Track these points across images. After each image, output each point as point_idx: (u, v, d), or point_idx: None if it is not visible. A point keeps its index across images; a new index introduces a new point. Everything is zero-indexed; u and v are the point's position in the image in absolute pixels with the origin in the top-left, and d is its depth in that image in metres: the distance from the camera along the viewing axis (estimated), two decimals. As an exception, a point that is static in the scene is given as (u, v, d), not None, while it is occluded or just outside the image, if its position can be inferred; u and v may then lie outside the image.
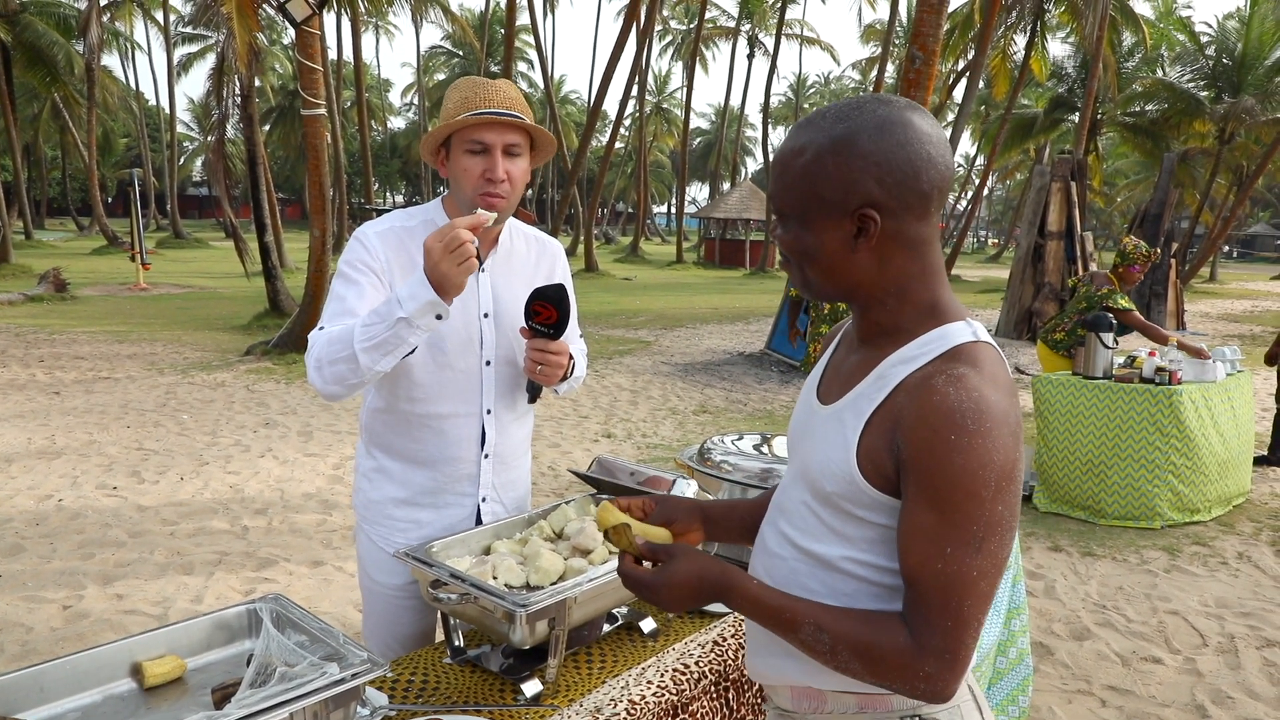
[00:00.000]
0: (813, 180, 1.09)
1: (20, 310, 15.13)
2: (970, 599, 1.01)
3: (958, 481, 1.00)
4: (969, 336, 1.11)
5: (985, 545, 1.01)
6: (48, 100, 35.69)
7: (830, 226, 1.11)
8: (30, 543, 4.75)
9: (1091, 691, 3.40)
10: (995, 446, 1.00)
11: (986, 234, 78.79)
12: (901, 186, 1.07)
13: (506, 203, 1.87)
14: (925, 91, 5.81)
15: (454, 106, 1.84)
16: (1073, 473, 5.37)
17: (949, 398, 1.01)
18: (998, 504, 1.00)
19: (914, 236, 1.11)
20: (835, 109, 1.11)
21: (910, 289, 1.13)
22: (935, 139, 1.09)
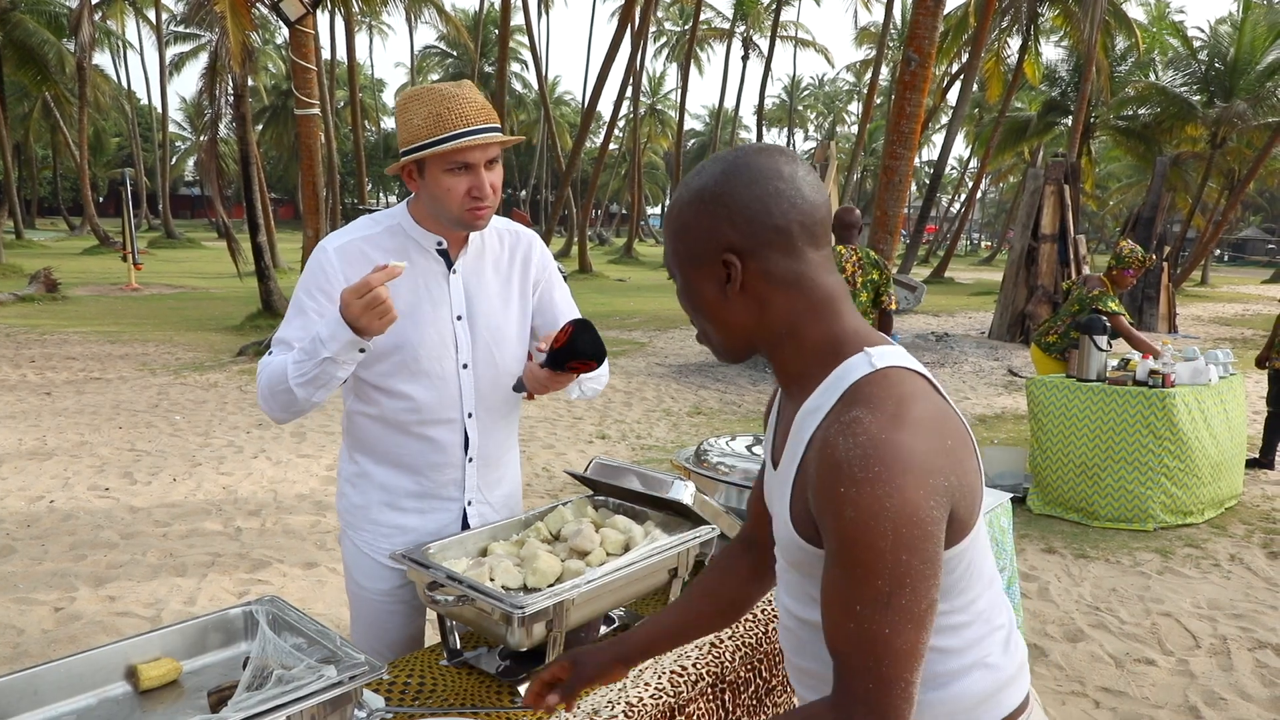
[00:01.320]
0: (679, 236, 1.12)
1: (11, 310, 15.05)
2: (888, 658, 0.94)
3: (852, 535, 0.94)
4: (866, 369, 1.05)
5: (894, 600, 0.93)
6: (38, 99, 35.52)
7: (702, 277, 1.11)
8: (21, 544, 4.73)
9: (1085, 693, 3.40)
10: (889, 492, 0.92)
11: (980, 236, 79.05)
12: (753, 225, 1.06)
13: (491, 211, 1.87)
14: (921, 94, 5.82)
15: (423, 124, 1.77)
16: (1066, 475, 5.39)
17: (838, 449, 0.97)
18: (901, 553, 0.93)
19: (786, 273, 1.08)
20: (698, 167, 1.14)
21: (801, 327, 1.10)
22: (787, 175, 1.08)
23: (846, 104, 66.93)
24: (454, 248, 1.94)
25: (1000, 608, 1.16)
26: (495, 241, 2.03)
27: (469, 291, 1.96)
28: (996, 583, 1.17)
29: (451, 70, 50.35)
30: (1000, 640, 1.14)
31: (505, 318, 2.01)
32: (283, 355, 1.83)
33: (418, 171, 1.83)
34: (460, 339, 1.94)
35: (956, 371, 11.31)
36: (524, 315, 2.06)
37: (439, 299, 1.92)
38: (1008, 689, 1.13)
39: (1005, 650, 1.14)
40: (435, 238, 1.92)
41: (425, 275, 1.92)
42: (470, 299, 1.95)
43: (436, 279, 1.93)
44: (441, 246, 1.93)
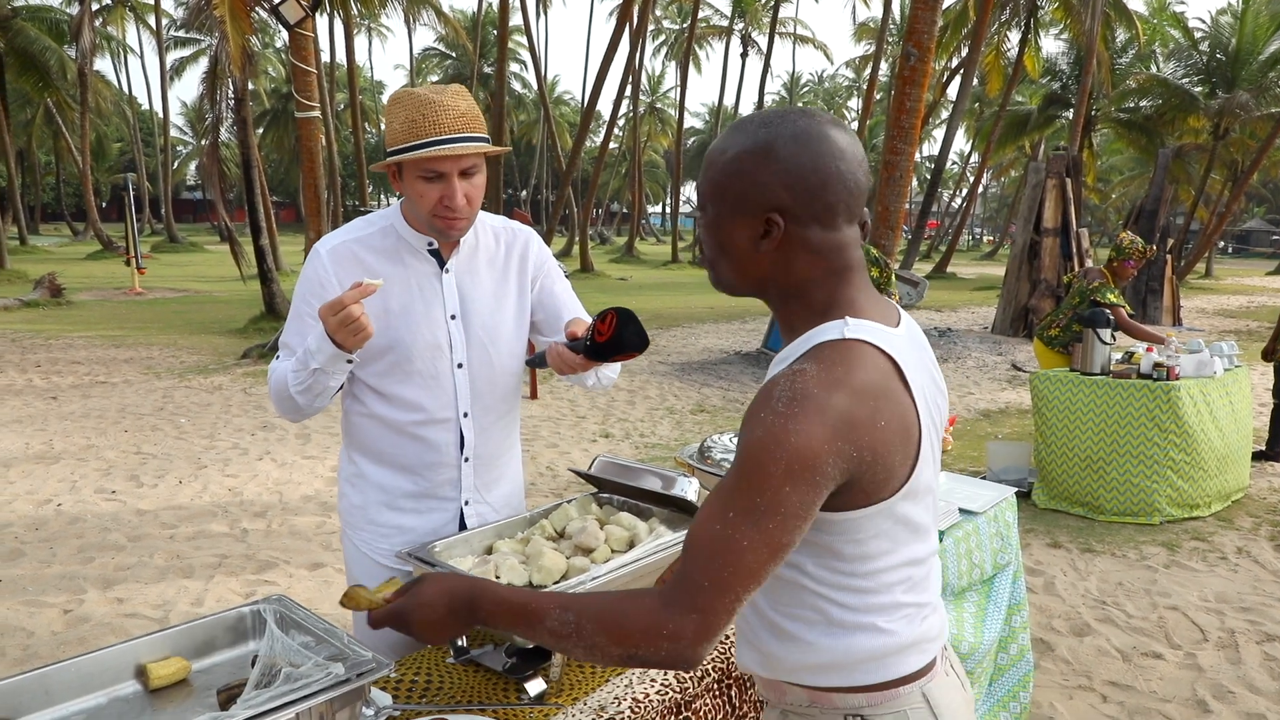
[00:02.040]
0: (729, 179, 1.15)
1: (16, 316, 15.09)
2: (734, 567, 1.02)
3: (752, 452, 1.02)
4: (835, 335, 1.13)
5: (763, 522, 1.01)
6: (40, 105, 35.60)
7: (740, 224, 1.16)
8: (30, 547, 4.74)
9: (1092, 687, 3.40)
10: (796, 429, 1.01)
11: (981, 231, 78.94)
12: (809, 196, 1.12)
13: (468, 223, 1.86)
14: (920, 88, 5.81)
15: (400, 129, 1.77)
16: (1071, 469, 5.38)
17: (776, 386, 1.06)
18: (785, 485, 1.01)
19: (818, 243, 1.15)
20: (761, 115, 1.17)
21: (810, 291, 1.18)
22: (848, 155, 1.14)
23: (846, 100, 66.87)
24: (446, 248, 1.95)
25: (920, 590, 1.22)
26: (490, 240, 2.03)
27: (462, 291, 1.96)
28: (926, 569, 1.24)
29: (451, 72, 50.36)
30: (905, 615, 1.20)
31: (500, 316, 2.01)
32: (286, 361, 1.88)
33: (399, 174, 1.84)
34: (454, 338, 1.94)
35: (960, 367, 11.30)
36: (521, 312, 2.06)
37: (431, 299, 1.92)
38: (899, 655, 1.19)
39: (908, 623, 1.19)
40: (426, 238, 1.93)
41: (417, 276, 1.92)
42: (464, 298, 1.96)
43: (429, 279, 1.93)
44: (433, 247, 1.94)
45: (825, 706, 1.21)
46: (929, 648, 1.22)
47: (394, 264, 1.91)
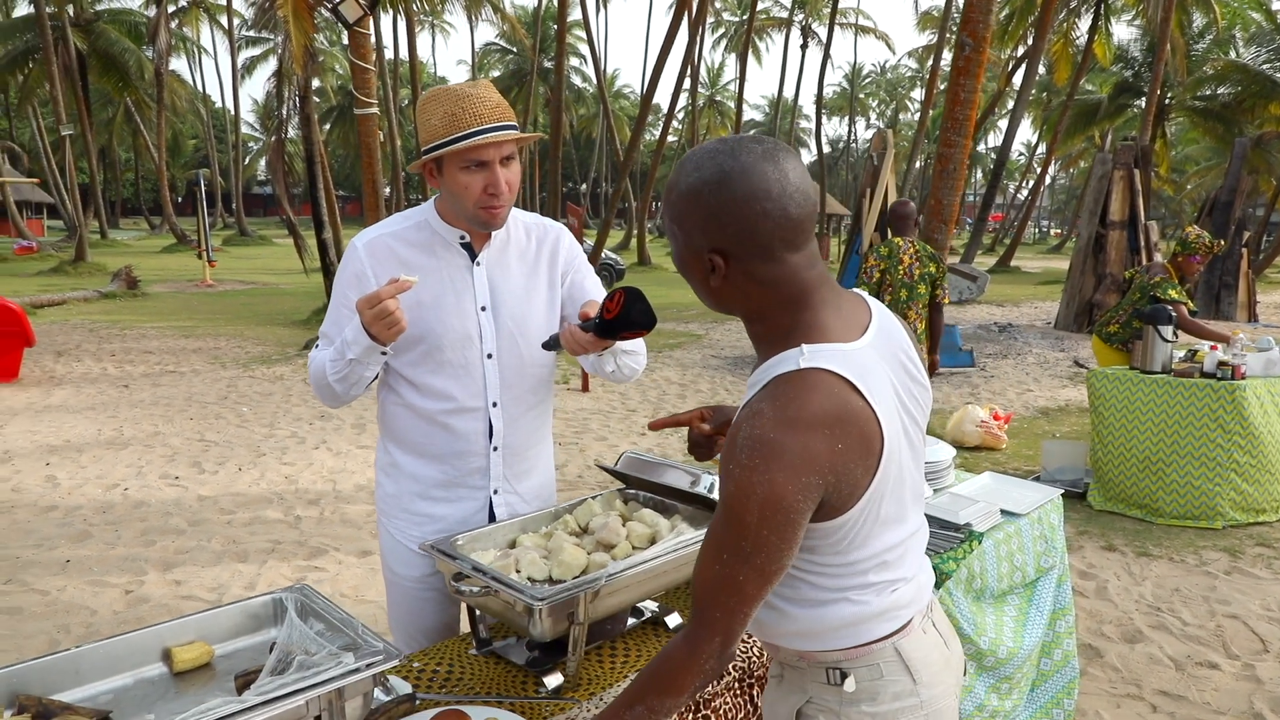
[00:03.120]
0: (679, 215, 1.24)
1: (94, 307, 15.71)
2: (738, 597, 1.17)
3: (730, 505, 1.15)
4: (791, 366, 1.20)
5: (752, 560, 1.15)
6: (121, 105, 36.93)
7: (691, 259, 1.26)
8: (97, 529, 4.94)
9: (1142, 696, 3.31)
10: (760, 480, 1.11)
11: (1049, 224, 76.83)
12: (739, 238, 1.19)
13: (507, 210, 1.92)
14: (975, 79, 5.67)
15: (440, 124, 1.82)
16: (1129, 470, 5.22)
17: (740, 433, 1.16)
18: (763, 529, 1.13)
19: (764, 276, 1.22)
20: (697, 155, 1.22)
21: (771, 314, 1.26)
22: (775, 193, 1.17)
23: (909, 91, 65.65)
24: (477, 241, 2.00)
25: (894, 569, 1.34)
26: (521, 234, 2.07)
27: (493, 283, 2.00)
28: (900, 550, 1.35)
29: (511, 67, 50.76)
30: (875, 589, 1.32)
31: (530, 308, 2.04)
32: (325, 350, 1.95)
33: (437, 169, 1.89)
34: (485, 329, 1.99)
35: (1020, 363, 11.04)
36: (551, 305, 2.10)
37: (462, 290, 1.97)
38: (870, 623, 1.32)
39: (878, 595, 1.32)
40: (459, 232, 1.98)
41: (449, 268, 1.97)
42: (494, 290, 2.00)
43: (460, 271, 1.98)
44: (465, 240, 1.99)
45: (811, 662, 1.38)
46: (901, 614, 1.35)
47: (427, 256, 1.96)
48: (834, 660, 1.35)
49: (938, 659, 1.40)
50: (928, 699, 1.38)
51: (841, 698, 1.36)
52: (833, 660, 1.36)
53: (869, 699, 1.35)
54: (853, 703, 1.35)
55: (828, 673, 1.36)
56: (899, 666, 1.36)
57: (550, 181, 25.59)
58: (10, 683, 1.35)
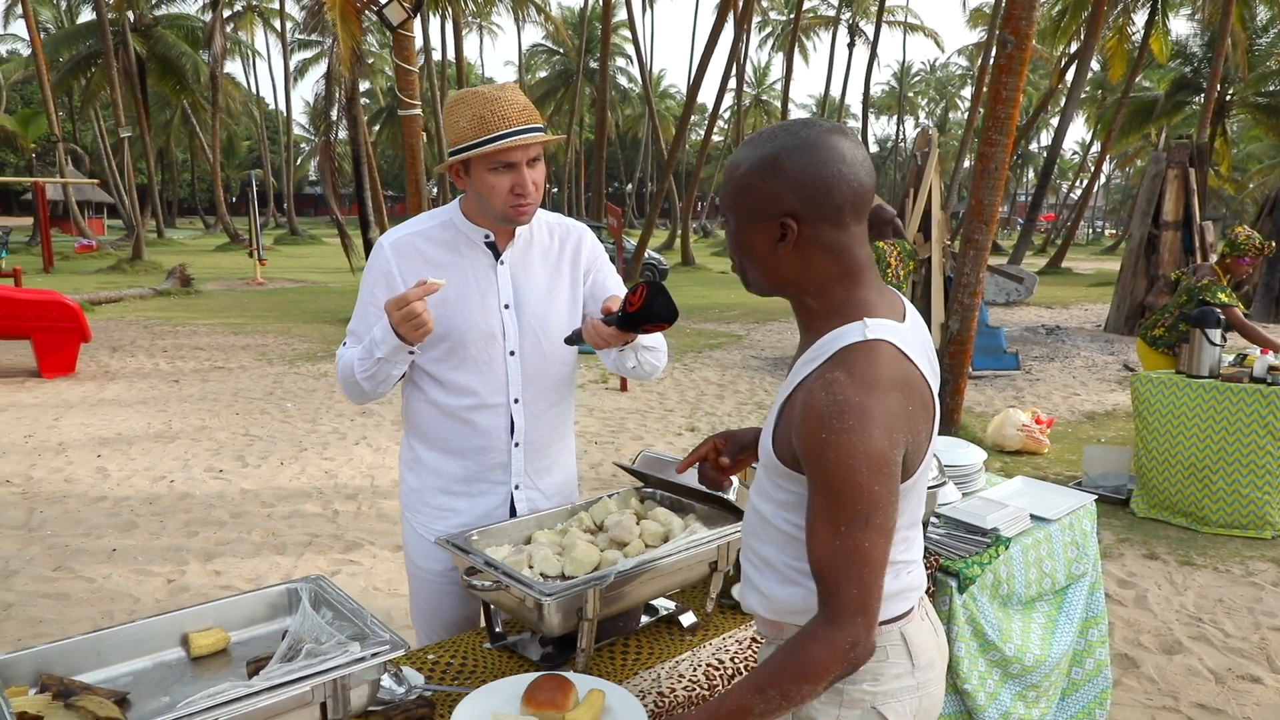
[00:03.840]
0: (744, 192, 1.27)
1: (149, 304, 16.14)
2: (868, 567, 1.17)
3: (834, 472, 1.16)
4: (858, 337, 1.24)
5: (871, 520, 1.17)
6: (178, 107, 37.87)
7: (758, 231, 1.28)
8: (143, 520, 5.09)
9: (1178, 709, 3.23)
10: (858, 439, 1.15)
11: (1104, 224, 75.13)
12: (816, 199, 1.23)
13: (534, 208, 1.95)
14: (1018, 76, 5.57)
15: (468, 126, 1.86)
16: (1174, 477, 5.09)
17: (818, 402, 1.18)
18: (874, 484, 1.16)
19: (830, 242, 1.27)
20: (769, 131, 1.29)
21: (828, 288, 1.30)
22: (849, 159, 1.24)
23: (959, 89, 64.65)
24: (501, 240, 2.03)
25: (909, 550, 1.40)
26: (544, 234, 2.11)
27: (516, 281, 2.04)
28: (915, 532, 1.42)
29: (558, 67, 51.06)
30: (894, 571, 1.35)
31: (552, 306, 2.07)
32: (352, 347, 2.00)
33: (464, 171, 1.93)
34: (507, 327, 2.02)
35: (1066, 366, 10.82)
36: (573, 304, 2.12)
37: (486, 288, 2.01)
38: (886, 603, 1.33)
39: (894, 578, 1.35)
40: (483, 231, 2.02)
41: (474, 266, 2.01)
42: (517, 288, 2.03)
43: (484, 270, 2.02)
44: (489, 239, 2.02)
45: None
46: (910, 596, 1.40)
47: (452, 255, 2.01)
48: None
49: (932, 645, 1.44)
50: (923, 682, 1.41)
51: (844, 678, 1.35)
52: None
53: (871, 679, 1.36)
54: (854, 682, 1.36)
55: None
56: (902, 650, 1.38)
57: (595, 182, 25.70)
58: (36, 663, 1.40)
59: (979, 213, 5.89)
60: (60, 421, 7.35)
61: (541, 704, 1.45)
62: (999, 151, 5.71)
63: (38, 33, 26.76)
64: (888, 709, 1.36)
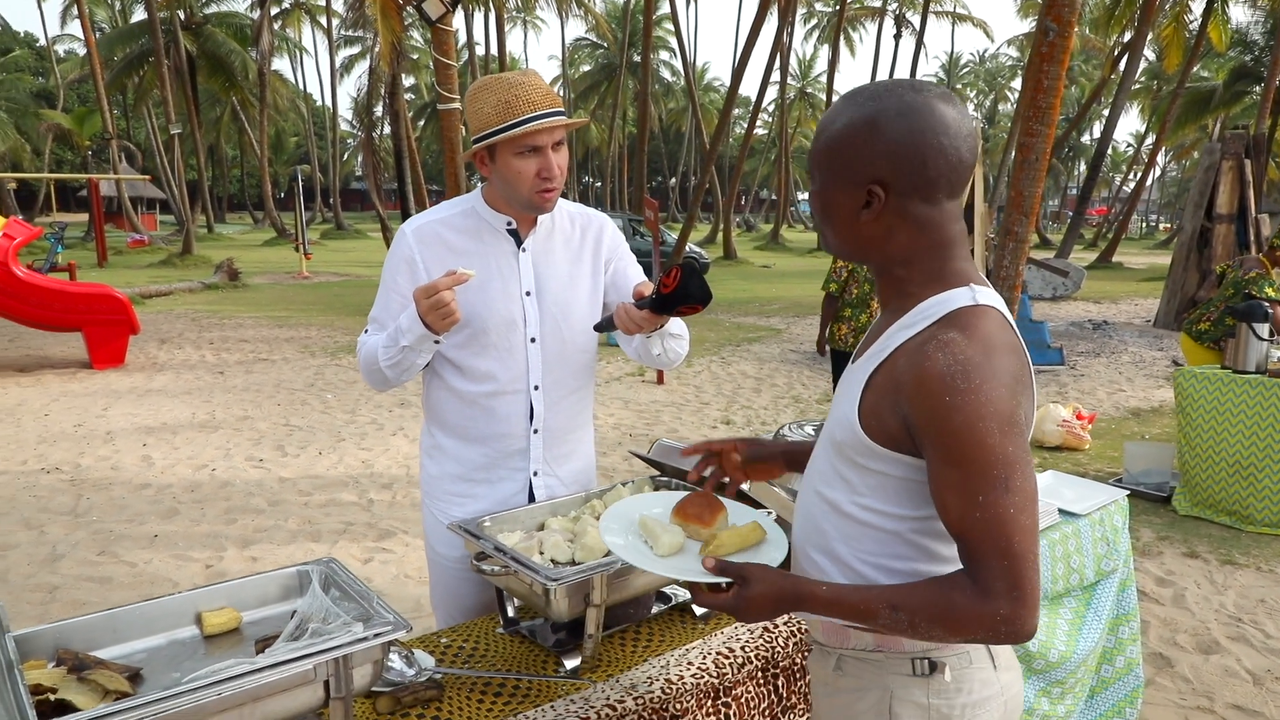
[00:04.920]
0: (835, 149, 1.21)
1: (198, 297, 16.51)
2: (1016, 534, 1.08)
3: (964, 436, 1.08)
4: (967, 301, 1.18)
5: (1011, 482, 1.09)
6: (227, 104, 38.63)
7: (843, 193, 1.22)
8: (185, 507, 5.21)
9: (1213, 709, 3.15)
10: (987, 399, 1.08)
11: (1158, 218, 73.31)
12: (910, 170, 1.16)
13: (558, 192, 1.96)
14: (1060, 65, 5.45)
15: (493, 111, 1.87)
16: (1217, 474, 4.96)
17: (938, 363, 1.11)
18: (1008, 445, 1.08)
19: (919, 216, 1.20)
20: (871, 88, 1.21)
21: (917, 259, 1.23)
22: (953, 130, 1.16)
23: (1010, 80, 63.44)
24: (523, 227, 2.05)
25: None
26: (566, 222, 2.12)
27: (538, 269, 2.05)
28: None
29: (601, 61, 51.13)
30: None
31: (573, 294, 2.08)
32: (375, 335, 2.02)
33: (489, 157, 1.94)
34: (529, 313, 2.03)
35: (1114, 361, 10.59)
36: (594, 292, 2.13)
37: (508, 276, 2.02)
38: None
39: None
40: (505, 218, 2.04)
41: (496, 254, 2.03)
42: (539, 276, 2.05)
43: (507, 257, 2.03)
44: (511, 226, 2.04)
45: (892, 650, 1.28)
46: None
47: (474, 242, 2.03)
48: (923, 649, 1.26)
49: (1008, 647, 1.34)
50: (1006, 684, 1.32)
51: (929, 690, 1.26)
52: (921, 649, 1.27)
53: (957, 690, 1.26)
54: (941, 694, 1.26)
55: (914, 663, 1.27)
56: (984, 653, 1.29)
57: (637, 176, 25.71)
58: (55, 638, 1.45)
59: (1019, 204, 5.78)
60: (109, 411, 7.55)
61: (689, 517, 1.43)
62: (1040, 142, 5.60)
63: (92, 32, 27.48)
64: None
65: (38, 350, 10.49)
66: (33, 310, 9.10)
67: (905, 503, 1.23)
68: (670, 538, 1.37)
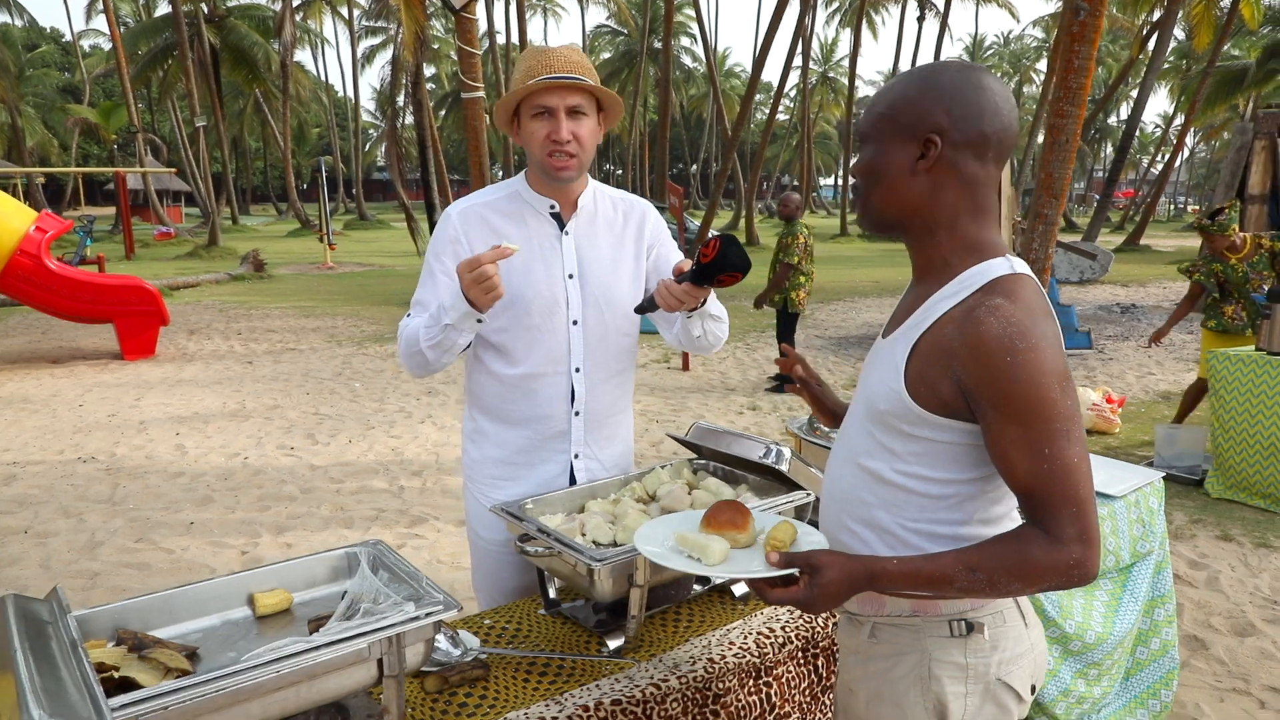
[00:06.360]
0: (894, 106, 1.26)
1: (225, 288, 16.67)
2: (1082, 481, 1.15)
3: (1028, 394, 1.13)
4: (1006, 270, 1.23)
5: (1073, 434, 1.15)
6: (250, 96, 38.87)
7: (898, 147, 1.25)
8: (219, 495, 5.29)
9: (1249, 691, 3.13)
10: (1045, 357, 1.14)
11: (1186, 200, 72.21)
12: (966, 120, 1.22)
13: (577, 162, 1.96)
14: (1091, 45, 5.38)
15: (520, 77, 1.93)
16: (1252, 457, 4.91)
17: (993, 327, 1.15)
18: (1067, 399, 1.15)
19: (968, 173, 1.25)
20: (937, 63, 1.29)
21: (959, 224, 1.27)
22: (1004, 97, 1.24)
23: (1035, 62, 62.59)
24: (566, 211, 2.06)
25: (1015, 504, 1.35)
26: (609, 207, 2.14)
27: (580, 252, 2.06)
28: None
29: (622, 48, 50.95)
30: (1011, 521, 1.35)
31: (616, 278, 2.09)
32: (418, 317, 2.02)
33: (519, 125, 1.99)
34: (571, 296, 2.04)
35: (1142, 345, 10.47)
36: (636, 277, 2.14)
37: (551, 258, 2.03)
38: None
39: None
40: (549, 201, 2.05)
41: (539, 236, 2.05)
42: (582, 259, 2.06)
43: (550, 240, 2.05)
44: (555, 210, 2.06)
45: (929, 615, 1.32)
46: None
47: (518, 225, 2.04)
48: (960, 610, 1.30)
49: (1031, 602, 1.39)
50: (1035, 640, 1.36)
51: (966, 649, 1.30)
52: (959, 610, 1.30)
53: (993, 648, 1.30)
54: (978, 653, 1.30)
55: (951, 625, 1.30)
56: (1015, 611, 1.33)
57: (659, 163, 25.64)
58: (113, 618, 1.48)
59: (1048, 186, 5.72)
60: (141, 401, 7.66)
61: (723, 525, 1.43)
62: (1070, 123, 5.54)
63: (117, 26, 27.72)
64: (1011, 677, 1.32)
65: (70, 342, 10.66)
66: (65, 302, 9.24)
67: (951, 467, 1.27)
68: (718, 545, 1.37)
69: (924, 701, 1.31)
